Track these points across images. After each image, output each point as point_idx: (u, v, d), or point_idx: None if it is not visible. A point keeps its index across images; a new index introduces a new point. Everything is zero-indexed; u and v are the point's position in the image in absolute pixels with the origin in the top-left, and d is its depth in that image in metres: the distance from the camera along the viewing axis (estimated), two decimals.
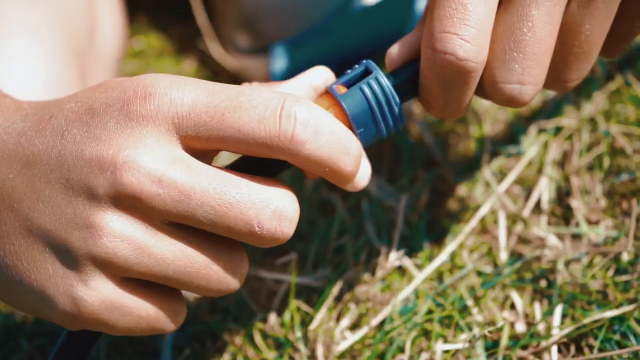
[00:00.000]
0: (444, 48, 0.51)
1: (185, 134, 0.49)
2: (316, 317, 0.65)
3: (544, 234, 0.66)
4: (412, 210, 0.71)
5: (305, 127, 0.49)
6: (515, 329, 0.63)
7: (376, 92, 0.52)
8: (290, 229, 0.51)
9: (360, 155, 0.52)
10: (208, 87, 0.50)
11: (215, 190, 0.49)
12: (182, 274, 0.51)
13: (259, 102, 0.49)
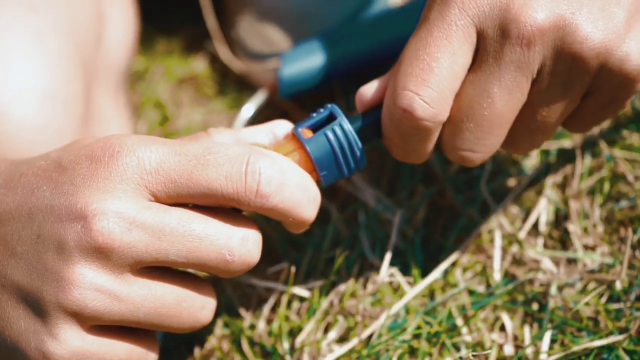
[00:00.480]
0: (403, 105, 0.53)
1: (154, 190, 0.51)
2: (304, 328, 0.65)
3: (539, 256, 0.66)
4: (408, 224, 0.70)
5: (270, 181, 0.51)
6: (504, 351, 0.62)
7: (339, 138, 0.55)
8: (258, 252, 0.53)
9: (319, 202, 0.55)
10: (175, 146, 0.52)
11: (184, 228, 0.51)
12: (153, 316, 0.52)
13: (225, 160, 0.51)
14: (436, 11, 0.54)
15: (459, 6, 0.53)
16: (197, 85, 0.93)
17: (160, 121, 0.90)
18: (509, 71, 0.53)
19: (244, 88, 0.91)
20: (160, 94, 0.92)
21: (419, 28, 0.55)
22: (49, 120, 0.67)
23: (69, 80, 0.69)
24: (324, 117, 0.56)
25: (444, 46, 0.53)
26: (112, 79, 0.81)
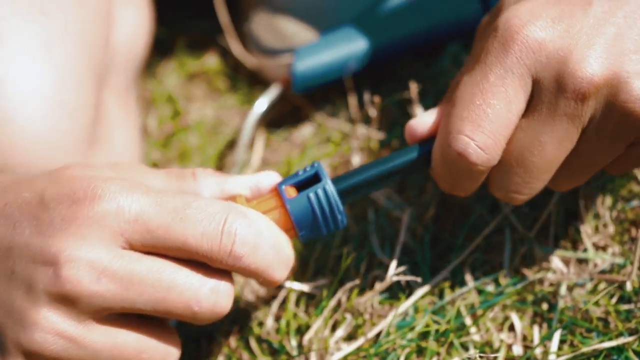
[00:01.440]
0: (458, 149, 0.55)
1: (130, 238, 0.52)
2: (312, 326, 0.65)
3: (549, 256, 0.65)
4: (418, 223, 0.70)
5: (244, 243, 0.52)
6: (512, 351, 0.62)
7: (321, 201, 0.56)
8: (227, 303, 0.54)
9: (292, 264, 0.56)
10: (156, 197, 0.52)
11: (153, 278, 0.51)
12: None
13: (203, 217, 0.52)
14: (493, 56, 0.55)
15: (517, 55, 0.54)
16: (209, 80, 0.93)
17: (171, 116, 0.90)
18: (562, 123, 0.54)
19: (256, 83, 0.90)
20: (171, 89, 0.92)
21: (474, 70, 0.56)
22: (53, 128, 0.67)
23: (77, 86, 0.69)
24: (309, 176, 0.57)
25: (500, 93, 0.54)
26: (122, 80, 0.81)
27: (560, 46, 0.53)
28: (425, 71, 0.82)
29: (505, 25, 0.55)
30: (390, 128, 0.78)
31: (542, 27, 0.54)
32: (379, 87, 0.83)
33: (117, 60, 0.80)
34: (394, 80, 0.83)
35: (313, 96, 0.86)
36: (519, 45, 0.54)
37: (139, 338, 0.53)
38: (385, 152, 0.77)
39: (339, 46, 0.79)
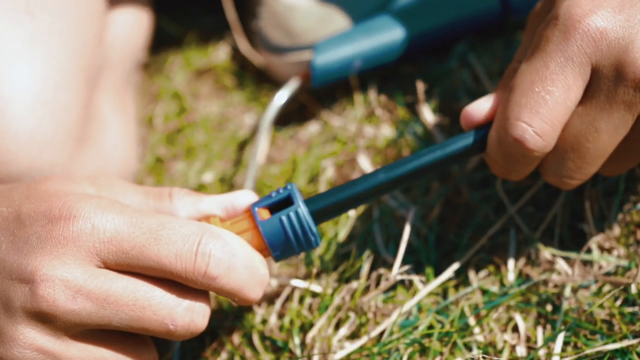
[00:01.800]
0: (516, 135, 0.56)
1: (105, 258, 0.53)
2: (316, 324, 0.65)
3: (554, 257, 0.65)
4: (422, 222, 0.70)
5: (218, 264, 0.53)
6: (516, 352, 0.62)
7: (293, 223, 0.57)
8: (203, 322, 0.55)
9: (266, 283, 0.57)
10: (132, 217, 0.53)
11: (128, 297, 0.53)
12: None
13: (177, 238, 0.53)
14: (554, 44, 0.55)
15: (579, 43, 0.54)
16: (216, 76, 0.93)
17: (177, 112, 0.90)
18: (619, 110, 0.55)
19: (263, 81, 0.90)
20: (178, 85, 0.92)
21: (534, 57, 0.56)
22: (37, 128, 0.66)
23: (63, 85, 0.69)
24: (282, 198, 0.58)
25: (559, 81, 0.55)
26: (117, 78, 0.81)
27: (622, 35, 0.54)
28: (432, 70, 0.82)
29: (566, 14, 0.55)
30: (396, 127, 0.78)
31: (603, 17, 0.54)
32: (385, 85, 0.83)
33: (113, 59, 0.79)
34: (400, 79, 0.83)
35: (319, 94, 0.86)
36: (581, 34, 0.54)
37: (116, 353, 0.55)
38: (392, 150, 0.76)
39: (358, 41, 0.80)
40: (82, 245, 0.52)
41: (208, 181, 0.81)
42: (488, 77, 0.78)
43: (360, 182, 0.59)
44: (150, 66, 0.94)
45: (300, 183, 0.77)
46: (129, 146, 0.79)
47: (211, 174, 0.82)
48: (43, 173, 0.67)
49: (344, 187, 0.59)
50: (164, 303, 0.53)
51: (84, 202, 0.53)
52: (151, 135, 0.87)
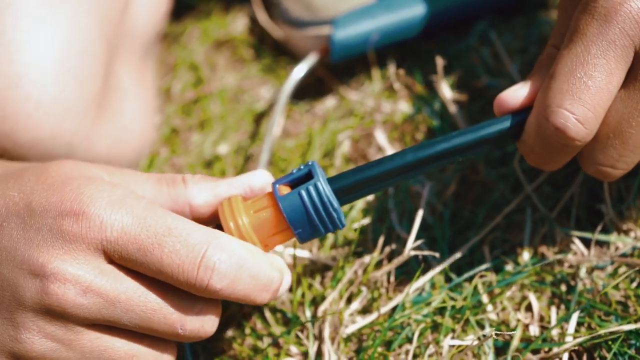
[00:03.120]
0: (557, 123, 0.53)
1: (111, 254, 0.53)
2: (327, 298, 0.64)
3: (570, 237, 0.64)
4: (438, 198, 0.69)
5: (222, 278, 0.52)
6: (529, 331, 0.61)
7: (313, 198, 0.54)
8: (212, 327, 0.55)
9: (279, 286, 0.56)
10: (140, 217, 0.53)
11: (139, 298, 0.53)
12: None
13: (182, 247, 0.52)
14: (595, 28, 0.54)
15: (621, 26, 0.53)
16: (234, 48, 0.92)
17: (194, 83, 0.89)
18: None
19: (281, 54, 0.90)
20: (195, 56, 0.91)
21: (574, 43, 0.55)
22: (60, 95, 0.66)
23: (86, 54, 0.68)
24: (302, 174, 0.56)
25: (602, 65, 0.53)
26: (137, 49, 0.80)
27: None
28: (451, 47, 0.81)
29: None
30: (414, 102, 0.78)
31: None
32: (404, 61, 0.82)
33: (134, 30, 0.79)
34: (419, 55, 0.82)
35: (337, 69, 0.85)
36: (622, 16, 0.53)
37: (129, 344, 0.55)
38: (408, 126, 0.76)
39: (378, 16, 0.79)
40: (90, 242, 0.52)
41: (223, 153, 0.81)
42: (508, 55, 0.77)
43: (387, 161, 0.56)
44: (168, 36, 0.94)
45: (316, 157, 0.77)
46: (148, 118, 0.79)
47: (226, 145, 0.82)
48: (64, 141, 0.67)
49: (370, 165, 0.56)
50: (174, 307, 0.53)
51: (96, 195, 0.53)
52: (167, 105, 0.87)
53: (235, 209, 0.55)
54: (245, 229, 0.55)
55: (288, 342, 0.63)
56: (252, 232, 0.55)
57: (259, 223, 0.55)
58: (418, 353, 0.61)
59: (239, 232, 0.55)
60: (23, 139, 0.65)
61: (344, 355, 0.62)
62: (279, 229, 0.55)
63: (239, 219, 0.55)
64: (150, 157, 0.82)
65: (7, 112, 0.64)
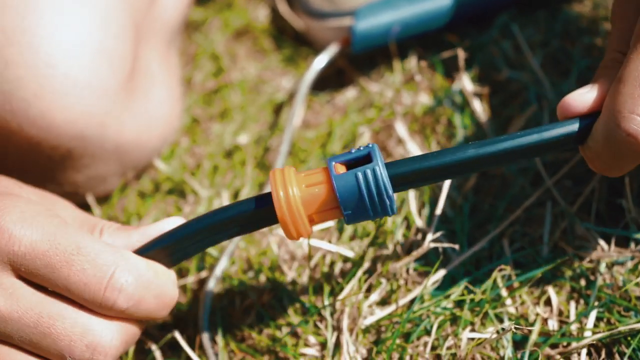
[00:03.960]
0: (630, 129, 0.52)
1: (18, 269, 0.52)
2: (346, 288, 0.64)
3: (589, 232, 0.64)
4: (458, 191, 0.69)
5: (128, 299, 0.53)
6: (547, 325, 0.61)
7: (369, 182, 0.53)
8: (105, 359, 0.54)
9: (174, 304, 0.57)
10: (50, 234, 0.52)
11: (31, 319, 0.52)
12: None
13: (89, 266, 0.52)
14: None
15: None
16: (254, 39, 0.92)
17: (214, 72, 0.89)
18: None
19: (301, 45, 0.90)
20: (216, 46, 0.92)
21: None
22: (94, 77, 0.67)
23: (118, 36, 0.69)
24: (361, 155, 0.55)
25: None
26: (163, 36, 0.81)
27: None
28: (473, 40, 0.81)
29: None
30: (435, 94, 0.78)
31: None
32: (425, 53, 0.82)
33: (161, 19, 0.80)
34: (440, 47, 0.82)
35: (357, 60, 0.85)
36: None
37: (28, 358, 0.54)
38: (429, 118, 0.76)
39: (400, 8, 0.79)
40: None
41: (243, 143, 0.81)
42: (530, 49, 0.77)
43: (447, 153, 0.55)
44: (189, 26, 0.94)
45: (336, 148, 0.77)
46: (174, 103, 0.80)
47: (246, 135, 0.82)
48: (97, 120, 0.68)
49: (428, 156, 0.55)
50: (64, 335, 0.53)
51: (9, 209, 0.53)
52: (188, 95, 0.87)
53: (288, 178, 0.54)
54: (294, 201, 0.53)
55: (306, 332, 0.64)
56: (300, 205, 0.53)
57: (309, 197, 0.54)
58: (436, 345, 0.61)
59: (288, 202, 0.53)
60: (59, 118, 0.66)
61: (362, 346, 0.62)
62: (328, 207, 0.54)
63: (290, 188, 0.54)
64: (171, 146, 0.82)
65: (45, 91, 0.65)
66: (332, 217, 0.55)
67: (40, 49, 0.65)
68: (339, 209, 0.54)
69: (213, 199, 0.76)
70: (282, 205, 0.53)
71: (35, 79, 0.64)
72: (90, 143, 0.69)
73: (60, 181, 0.71)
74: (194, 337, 0.67)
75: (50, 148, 0.67)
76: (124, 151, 0.73)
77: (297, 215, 0.53)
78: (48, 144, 0.67)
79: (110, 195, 0.78)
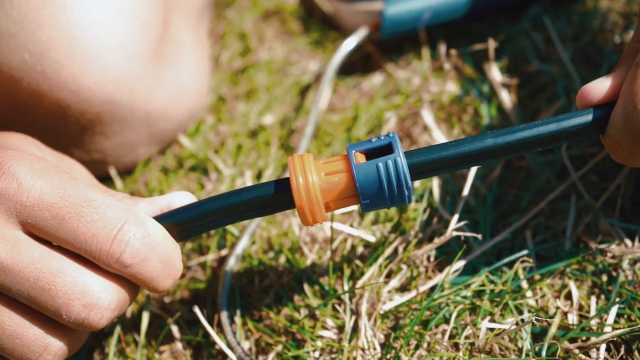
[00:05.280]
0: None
1: (24, 220, 0.52)
2: (366, 273, 0.64)
3: (613, 228, 0.64)
4: (482, 181, 0.69)
5: (134, 255, 0.52)
6: (567, 319, 0.61)
7: (390, 173, 0.53)
8: (98, 322, 0.53)
9: (178, 276, 0.56)
10: (60, 187, 0.52)
11: (32, 274, 0.52)
12: None
13: (99, 218, 0.52)
14: None
15: None
16: (282, 20, 0.92)
17: (241, 52, 0.89)
18: None
19: (329, 28, 0.89)
20: (245, 25, 0.91)
21: None
22: (126, 40, 0.68)
23: (150, 2, 0.70)
24: (382, 145, 0.54)
25: None
26: (194, 8, 0.81)
27: None
28: (503, 31, 0.80)
29: None
30: (462, 84, 0.77)
31: None
32: (454, 41, 0.81)
33: None
34: (470, 37, 0.82)
35: (385, 46, 0.85)
36: None
37: (20, 318, 0.54)
38: (455, 107, 0.75)
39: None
40: (2, 203, 0.52)
41: (268, 123, 0.81)
42: (561, 42, 0.76)
43: (465, 142, 0.54)
44: (218, 4, 0.93)
45: (360, 133, 0.77)
46: (204, 77, 0.80)
47: (271, 116, 0.82)
48: (127, 86, 0.68)
49: (447, 145, 0.55)
50: (63, 292, 0.52)
51: (19, 160, 0.52)
52: (215, 74, 0.87)
53: (307, 165, 0.54)
54: (313, 187, 0.53)
55: (324, 314, 0.64)
56: (319, 192, 0.53)
57: (328, 186, 0.54)
58: (455, 334, 0.61)
59: (307, 189, 0.53)
60: (89, 80, 0.66)
61: (380, 331, 0.62)
62: (346, 195, 0.54)
63: (310, 175, 0.53)
64: (196, 123, 0.82)
65: (76, 53, 0.65)
66: (348, 204, 0.55)
67: (73, 11, 0.65)
68: (357, 197, 0.54)
69: (236, 178, 0.76)
70: (300, 192, 0.53)
71: (67, 41, 0.65)
72: (120, 109, 0.69)
73: (89, 147, 0.72)
74: (212, 314, 0.67)
75: (80, 112, 0.67)
76: (153, 120, 0.73)
77: (314, 203, 0.53)
78: (77, 108, 0.67)
79: (133, 169, 0.78)
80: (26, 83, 0.65)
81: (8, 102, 0.67)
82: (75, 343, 0.56)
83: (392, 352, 0.60)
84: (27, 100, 0.66)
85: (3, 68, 0.65)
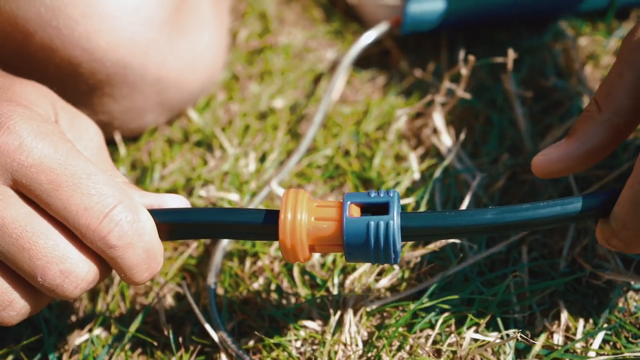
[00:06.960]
0: None
1: (18, 180, 0.51)
2: (358, 269, 0.64)
3: (610, 253, 0.63)
4: (485, 191, 0.69)
5: (121, 236, 0.51)
6: (552, 339, 0.61)
7: (379, 234, 0.52)
8: (73, 291, 0.53)
9: (157, 273, 0.55)
10: (62, 155, 0.51)
11: (15, 230, 0.51)
12: None
13: (95, 192, 0.51)
14: None
15: None
16: (305, 6, 0.92)
17: (260, 33, 0.89)
18: None
19: (351, 20, 0.89)
20: (267, 6, 0.91)
21: None
22: (142, 4, 0.68)
23: None
24: (379, 202, 0.53)
25: None
26: None
27: None
28: (524, 41, 0.80)
29: None
30: (477, 91, 0.77)
31: None
32: (473, 47, 0.81)
33: None
34: (489, 44, 0.81)
35: (404, 43, 0.85)
36: None
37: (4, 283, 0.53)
38: (467, 113, 0.75)
39: None
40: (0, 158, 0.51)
41: (278, 107, 0.80)
42: (580, 59, 0.76)
43: (465, 215, 0.53)
44: None
45: (370, 128, 0.76)
46: (220, 51, 0.79)
47: (282, 100, 0.81)
48: (140, 49, 0.68)
49: (446, 214, 0.53)
50: (43, 254, 0.51)
51: (25, 119, 0.51)
52: (232, 51, 0.87)
53: (300, 203, 0.53)
54: (299, 227, 0.52)
55: (311, 304, 0.63)
56: (304, 233, 0.53)
57: (315, 230, 0.53)
58: (438, 340, 0.61)
59: (293, 227, 0.52)
60: (103, 40, 0.66)
61: (364, 328, 0.62)
62: (332, 243, 0.53)
63: (299, 214, 0.53)
64: (207, 98, 0.82)
65: (93, 11, 0.65)
66: (333, 251, 0.55)
67: None
68: (341, 248, 0.54)
69: (240, 158, 0.76)
70: (286, 229, 0.53)
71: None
72: (131, 72, 0.69)
73: (96, 109, 0.71)
74: (199, 292, 0.67)
75: (90, 72, 0.67)
76: (164, 87, 0.72)
77: (298, 242, 0.53)
78: (88, 67, 0.67)
79: (139, 137, 0.78)
80: (39, 37, 0.65)
81: (19, 55, 0.66)
82: (38, 304, 0.55)
83: (374, 351, 0.60)
84: (39, 54, 0.66)
85: (18, 20, 0.65)
